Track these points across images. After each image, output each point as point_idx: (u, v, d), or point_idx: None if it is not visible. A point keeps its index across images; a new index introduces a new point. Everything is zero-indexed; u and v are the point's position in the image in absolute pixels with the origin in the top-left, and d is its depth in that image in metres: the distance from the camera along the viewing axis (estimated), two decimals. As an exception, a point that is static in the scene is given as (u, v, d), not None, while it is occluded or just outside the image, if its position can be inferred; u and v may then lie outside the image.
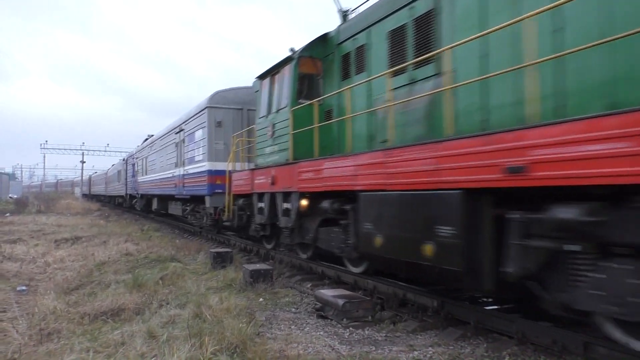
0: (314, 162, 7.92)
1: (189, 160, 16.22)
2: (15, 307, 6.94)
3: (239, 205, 11.60)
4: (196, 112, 15.69)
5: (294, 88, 9.10)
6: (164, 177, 19.78)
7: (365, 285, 7.21)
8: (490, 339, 5.06)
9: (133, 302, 6.74)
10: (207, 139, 14.38)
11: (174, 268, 9.31)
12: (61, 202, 38.62)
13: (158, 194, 21.55)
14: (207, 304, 6.09)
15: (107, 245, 13.12)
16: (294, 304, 6.93)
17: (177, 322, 5.59)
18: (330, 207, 7.51)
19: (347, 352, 4.76)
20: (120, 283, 8.15)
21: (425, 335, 5.38)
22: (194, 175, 15.35)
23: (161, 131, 21.99)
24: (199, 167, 14.84)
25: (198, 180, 14.85)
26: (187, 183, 16.13)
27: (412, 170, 5.55)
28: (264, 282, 7.81)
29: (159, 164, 21.17)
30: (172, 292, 7.47)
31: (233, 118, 14.56)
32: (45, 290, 8.14)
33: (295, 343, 4.95)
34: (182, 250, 12.12)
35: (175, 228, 20.35)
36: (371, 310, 6.05)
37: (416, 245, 5.32)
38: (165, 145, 20.26)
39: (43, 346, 5.11)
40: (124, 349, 4.66)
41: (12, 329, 5.78)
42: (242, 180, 11.20)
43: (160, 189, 20.59)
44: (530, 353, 4.56)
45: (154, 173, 22.07)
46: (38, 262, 11.33)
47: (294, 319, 6.11)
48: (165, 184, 19.58)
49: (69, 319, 6.22)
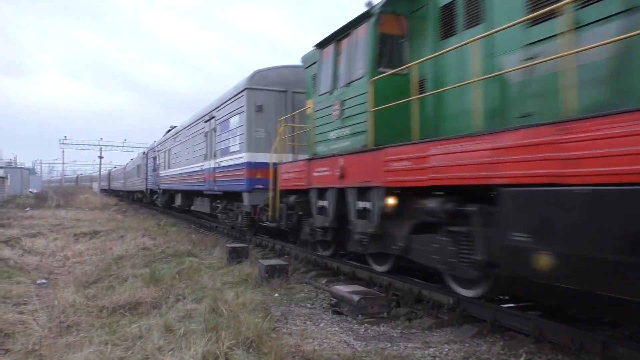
0: (411, 146, 6.05)
1: (221, 152, 14.35)
2: (35, 299, 7.07)
3: (288, 203, 9.82)
4: (232, 95, 13.63)
5: (374, 53, 7.16)
6: (190, 170, 18.08)
7: (380, 282, 7.20)
8: (506, 337, 5.02)
9: (150, 296, 6.82)
10: (245, 125, 12.39)
11: (190, 263, 9.40)
12: (80, 197, 39.18)
13: (183, 189, 19.91)
14: (223, 299, 6.13)
15: (125, 240, 13.29)
16: (309, 300, 6.95)
17: (194, 316, 5.65)
18: (440, 208, 5.62)
19: (362, 348, 4.76)
20: (137, 277, 8.25)
21: (441, 332, 5.36)
22: (229, 169, 13.54)
23: (187, 120, 19.99)
24: (236, 159, 12.98)
25: (234, 174, 13.00)
26: (220, 177, 14.39)
27: (624, 153, 3.60)
28: (280, 278, 7.84)
29: (184, 156, 19.39)
30: (188, 286, 7.54)
31: (275, 102, 12.53)
32: (64, 283, 8.29)
33: (310, 338, 4.97)
34: (198, 245, 12.23)
35: (192, 223, 20.50)
36: (386, 307, 6.04)
37: None
38: (191, 136, 18.44)
39: (63, 338, 5.20)
40: (141, 342, 4.72)
41: (32, 321, 5.90)
42: (294, 173, 9.51)
43: (186, 184, 18.92)
44: (548, 351, 4.52)
45: (178, 167, 20.32)
46: (57, 255, 11.53)
47: (309, 314, 6.13)
48: (191, 179, 17.97)
49: (87, 312, 6.32)
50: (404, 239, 6.49)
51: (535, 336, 4.74)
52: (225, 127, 14.10)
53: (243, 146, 12.48)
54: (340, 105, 7.92)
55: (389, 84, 6.97)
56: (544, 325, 4.77)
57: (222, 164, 14.26)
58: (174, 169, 21.18)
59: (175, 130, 22.16)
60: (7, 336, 5.44)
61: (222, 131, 14.48)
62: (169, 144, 23.14)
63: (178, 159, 20.64)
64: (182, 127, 20.50)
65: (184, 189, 19.48)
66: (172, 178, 21.70)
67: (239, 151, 12.79)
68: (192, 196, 19.40)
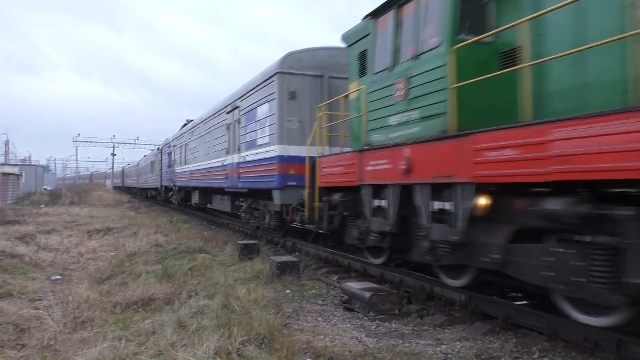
0: (521, 130, 4.63)
1: (247, 145, 12.87)
2: (50, 295, 7.16)
3: (330, 202, 8.47)
4: (260, 81, 12.06)
5: (455, 16, 5.75)
6: (210, 166, 16.70)
7: (391, 278, 7.18)
8: (519, 335, 4.99)
9: (163, 292, 6.88)
10: (277, 114, 10.90)
11: (202, 259, 9.45)
12: (93, 194, 39.58)
13: (201, 186, 18.50)
14: (235, 295, 6.16)
15: (138, 237, 13.40)
16: (321, 296, 6.96)
17: (206, 312, 5.68)
18: (569, 211, 4.22)
19: (374, 344, 4.76)
20: (150, 273, 8.32)
21: (453, 329, 5.34)
22: (256, 163, 12.08)
23: (205, 113, 18.56)
24: (265, 153, 11.57)
25: (262, 169, 11.61)
26: (245, 173, 12.92)
27: None
28: (291, 274, 7.86)
29: (203, 151, 18.04)
30: (200, 282, 7.58)
31: (310, 88, 11.03)
32: (78, 279, 8.39)
33: (322, 335, 4.98)
34: (210, 242, 12.29)
35: (203, 220, 20.61)
36: (398, 304, 6.03)
37: None
38: (211, 129, 17.03)
39: (77, 334, 5.27)
40: (154, 338, 4.76)
41: (47, 316, 5.98)
42: (340, 167, 8.03)
43: (204, 180, 17.56)
44: (561, 349, 4.48)
45: (196, 162, 19.03)
46: (72, 252, 11.67)
47: (320, 311, 6.14)
48: (211, 175, 16.61)
49: (101, 308, 6.40)
50: (501, 249, 5.12)
51: (549, 334, 4.70)
52: (252, 118, 12.59)
53: (274, 138, 11.06)
54: (406, 84, 6.45)
55: (472, 54, 5.60)
56: (557, 323, 4.73)
57: (247, 158, 12.83)
58: (191, 165, 19.93)
59: (192, 124, 20.85)
60: (22, 331, 5.52)
61: (247, 122, 12.95)
62: (185, 138, 21.89)
63: (196, 154, 19.35)
64: (200, 121, 19.11)
65: (202, 185, 18.20)
66: (188, 174, 20.46)
67: (268, 144, 11.40)
68: (211, 193, 18.30)
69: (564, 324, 4.68)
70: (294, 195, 10.48)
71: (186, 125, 23.09)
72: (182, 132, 23.01)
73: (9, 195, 33.09)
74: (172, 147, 25.00)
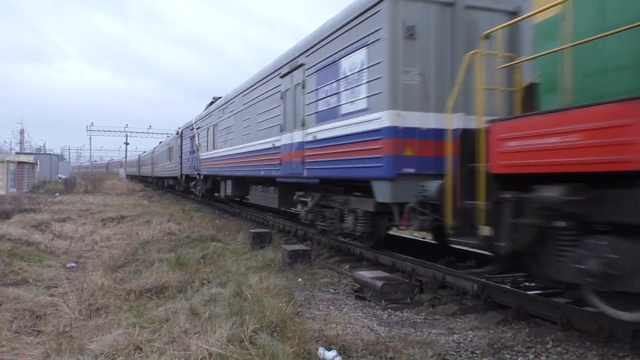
0: None
1: (320, 117, 8.97)
2: (65, 282, 7.27)
3: (521, 202, 4.74)
4: (349, 18, 7.98)
5: None
6: (252, 149, 12.89)
7: (403, 267, 7.16)
8: (532, 324, 4.96)
9: (176, 280, 6.94)
10: (386, 63, 6.97)
11: (214, 247, 9.51)
12: (107, 183, 39.96)
13: (237, 174, 14.77)
14: (247, 283, 6.20)
15: (151, 225, 13.51)
16: (332, 285, 6.97)
17: (219, 300, 5.72)
18: None
19: (385, 333, 4.76)
20: (163, 261, 8.40)
21: (465, 318, 5.32)
22: (339, 142, 8.24)
23: (244, 83, 14.58)
24: (359, 125, 7.65)
25: (353, 149, 7.81)
26: (315, 156, 9.11)
27: None
28: (303, 263, 7.88)
29: (240, 131, 14.30)
30: (213, 271, 7.64)
31: (435, 23, 7.15)
32: (93, 267, 8.50)
33: (334, 323, 4.99)
34: (222, 230, 12.36)
35: (215, 209, 20.73)
36: (410, 293, 6.01)
37: None
38: (253, 103, 13.02)
39: (92, 320, 5.34)
40: (168, 325, 4.81)
41: (63, 303, 6.07)
42: (571, 135, 4.10)
43: (242, 167, 13.93)
44: (575, 339, 4.45)
45: (230, 146, 15.45)
46: (86, 240, 11.84)
47: (332, 299, 6.15)
48: (252, 161, 12.82)
49: (115, 295, 6.48)
50: None
51: (563, 324, 4.65)
52: (330, 76, 8.63)
53: (379, 100, 7.13)
54: None
55: None
56: (571, 312, 4.69)
57: (320, 135, 8.92)
58: (222, 149, 16.49)
59: (223, 100, 16.95)
60: (39, 318, 5.62)
61: (321, 84, 8.97)
62: (214, 118, 18.21)
63: (229, 136, 15.76)
64: (236, 94, 15.19)
65: (239, 174, 14.54)
66: (218, 161, 17.09)
67: (366, 111, 7.48)
68: (249, 184, 14.74)
69: (578, 313, 4.64)
70: (411, 188, 6.61)
71: (213, 103, 19.29)
72: (210, 111, 19.28)
73: (25, 184, 33.54)
74: (196, 130, 21.51)
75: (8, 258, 8.55)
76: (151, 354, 4.09)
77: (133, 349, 4.26)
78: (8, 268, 7.87)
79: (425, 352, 4.24)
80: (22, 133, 66.61)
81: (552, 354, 4.22)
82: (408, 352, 4.21)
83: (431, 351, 4.27)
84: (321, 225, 9.76)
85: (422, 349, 4.29)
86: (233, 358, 3.92)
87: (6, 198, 21.90)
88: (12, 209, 16.84)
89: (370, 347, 4.35)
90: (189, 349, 4.04)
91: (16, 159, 33.76)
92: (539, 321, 4.98)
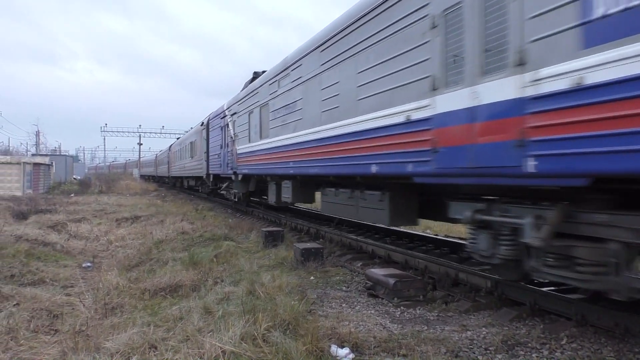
0: None
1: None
2: (81, 282, 7.37)
3: None
4: None
5: None
6: (347, 131, 7.90)
7: (416, 265, 7.15)
8: (547, 321, 4.92)
9: (189, 279, 7.00)
10: None
11: (227, 246, 9.56)
12: (121, 183, 40.33)
13: (310, 172, 9.57)
14: (259, 282, 6.22)
15: (164, 224, 13.63)
16: (345, 283, 6.98)
17: (232, 298, 5.76)
18: None
19: (398, 330, 4.75)
20: (177, 261, 8.46)
21: (479, 315, 5.29)
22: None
23: (321, 34, 9.21)
24: None
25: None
26: (568, 128, 3.85)
27: None
28: (315, 261, 7.89)
29: (316, 107, 9.19)
30: (226, 269, 7.68)
31: None
32: (108, 266, 8.60)
33: (346, 321, 4.99)
34: (235, 229, 12.42)
35: (228, 208, 20.83)
36: (423, 290, 6.00)
37: None
38: (347, 56, 7.86)
39: (108, 319, 5.41)
40: (182, 324, 4.85)
41: (79, 303, 6.15)
42: None
43: (323, 162, 8.88)
44: (590, 335, 4.41)
45: (294, 131, 10.39)
46: (101, 240, 11.98)
47: (345, 297, 6.15)
48: (349, 150, 7.83)
49: (130, 294, 6.55)
50: None
51: (578, 320, 4.62)
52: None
53: None
54: None
55: None
56: (586, 309, 4.64)
57: None
58: (278, 138, 11.50)
59: (280, 66, 11.68)
60: (56, 317, 5.70)
61: None
62: (261, 96, 13.05)
63: (290, 118, 10.70)
64: (303, 53, 10.05)
65: (314, 171, 9.39)
66: (270, 154, 12.09)
67: None
68: (320, 185, 10.22)
69: (593, 309, 4.60)
70: None
71: (255, 79, 14.48)
72: (252, 88, 14.02)
73: (41, 185, 34.00)
74: (230, 118, 16.63)
75: (25, 258, 8.69)
76: (166, 352, 4.13)
77: (148, 348, 4.30)
78: (25, 268, 8.00)
79: (439, 349, 4.23)
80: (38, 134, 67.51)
81: (566, 350, 4.18)
82: (421, 349, 4.20)
83: (444, 348, 4.26)
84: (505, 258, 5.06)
85: (435, 346, 4.28)
86: (246, 356, 3.94)
87: (23, 199, 22.23)
88: (29, 210, 17.10)
89: (383, 344, 4.35)
90: (203, 347, 4.07)
91: (32, 160, 34.23)
92: (554, 317, 4.94)
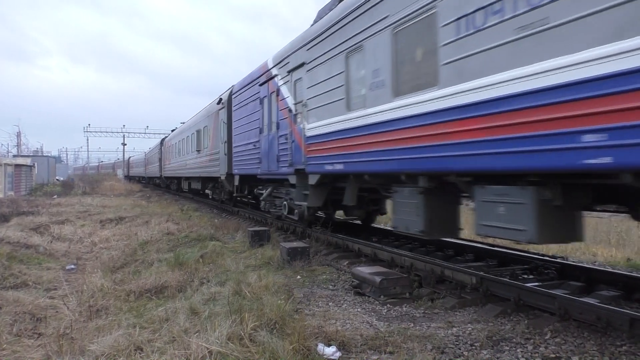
0: None
1: None
2: (65, 285, 7.28)
3: None
4: None
5: None
6: None
7: (402, 262, 7.19)
8: (531, 316, 4.99)
9: (175, 279, 6.95)
10: None
11: (213, 247, 9.52)
12: (105, 184, 39.91)
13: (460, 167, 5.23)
14: (246, 282, 6.21)
15: (149, 225, 13.51)
16: (331, 281, 6.99)
17: (218, 299, 5.74)
18: None
19: (385, 328, 4.78)
20: (162, 261, 8.40)
21: (464, 311, 5.34)
22: None
23: None
24: None
25: None
26: None
27: None
28: (301, 260, 7.89)
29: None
30: (212, 270, 7.64)
31: None
32: (92, 268, 8.50)
33: (333, 319, 5.01)
34: (220, 230, 12.36)
35: (214, 208, 20.72)
36: (409, 287, 6.03)
37: None
38: None
39: (92, 322, 5.35)
40: (168, 325, 4.82)
41: (63, 305, 6.08)
42: None
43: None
44: (574, 330, 4.48)
45: (479, 76, 4.79)
46: (85, 241, 11.83)
47: (331, 296, 6.17)
48: None
49: (115, 296, 6.49)
50: None
51: (561, 314, 4.69)
52: None
53: None
54: None
55: None
56: (569, 303, 4.72)
57: None
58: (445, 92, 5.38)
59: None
60: (39, 320, 5.62)
61: None
62: (362, 22, 7.04)
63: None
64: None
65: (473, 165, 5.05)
66: (413, 134, 6.01)
67: None
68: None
69: (576, 304, 4.67)
70: None
71: (318, 22, 9.03)
72: (341, 12, 7.84)
73: (23, 187, 33.49)
74: (286, 77, 10.36)
75: (7, 261, 8.55)
76: (152, 353, 4.10)
77: (134, 349, 4.27)
78: (7, 271, 7.88)
79: (425, 346, 4.26)
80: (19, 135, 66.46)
81: (550, 344, 4.24)
82: (407, 346, 4.23)
83: (430, 345, 4.29)
84: None
85: (422, 343, 4.31)
86: (233, 356, 3.93)
87: (4, 201, 21.87)
88: (11, 212, 16.83)
89: (370, 342, 4.37)
90: (189, 348, 4.05)
91: (13, 161, 33.70)
92: (538, 312, 5.01)
